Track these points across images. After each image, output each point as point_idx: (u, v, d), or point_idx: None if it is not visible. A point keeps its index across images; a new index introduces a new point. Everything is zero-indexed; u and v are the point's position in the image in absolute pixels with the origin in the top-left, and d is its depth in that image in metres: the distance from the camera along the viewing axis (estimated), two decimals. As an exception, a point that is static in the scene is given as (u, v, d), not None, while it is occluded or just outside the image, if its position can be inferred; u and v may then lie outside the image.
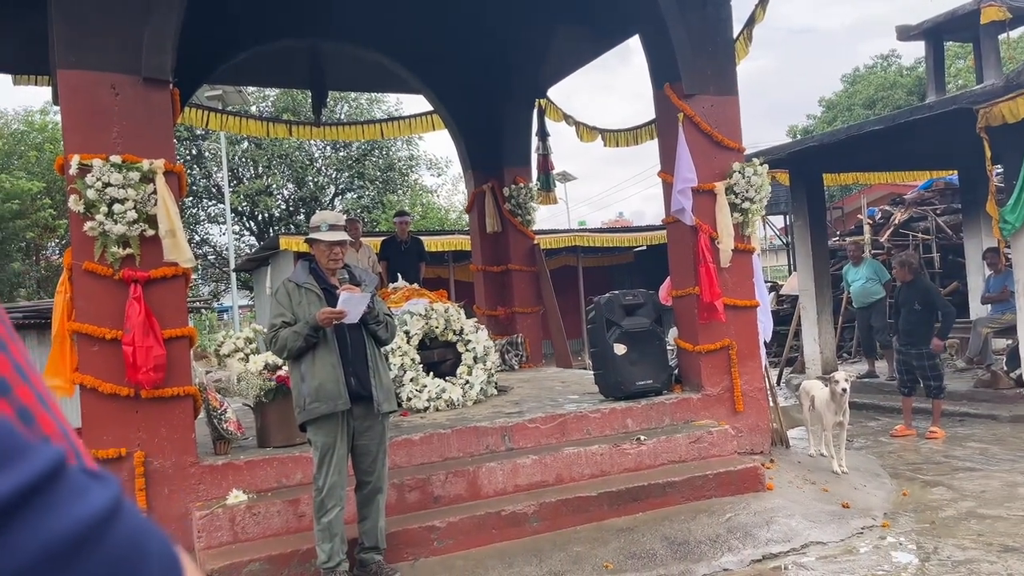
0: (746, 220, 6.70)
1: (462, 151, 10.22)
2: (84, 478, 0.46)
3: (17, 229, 20.48)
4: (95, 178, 4.78)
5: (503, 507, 5.14)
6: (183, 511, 4.96)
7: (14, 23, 6.66)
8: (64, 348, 4.92)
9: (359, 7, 8.51)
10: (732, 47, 6.90)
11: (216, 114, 10.12)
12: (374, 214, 25.86)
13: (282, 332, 4.28)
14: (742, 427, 6.60)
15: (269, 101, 24.95)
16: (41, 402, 0.55)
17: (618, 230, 21.18)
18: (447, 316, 7.02)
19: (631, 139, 9.74)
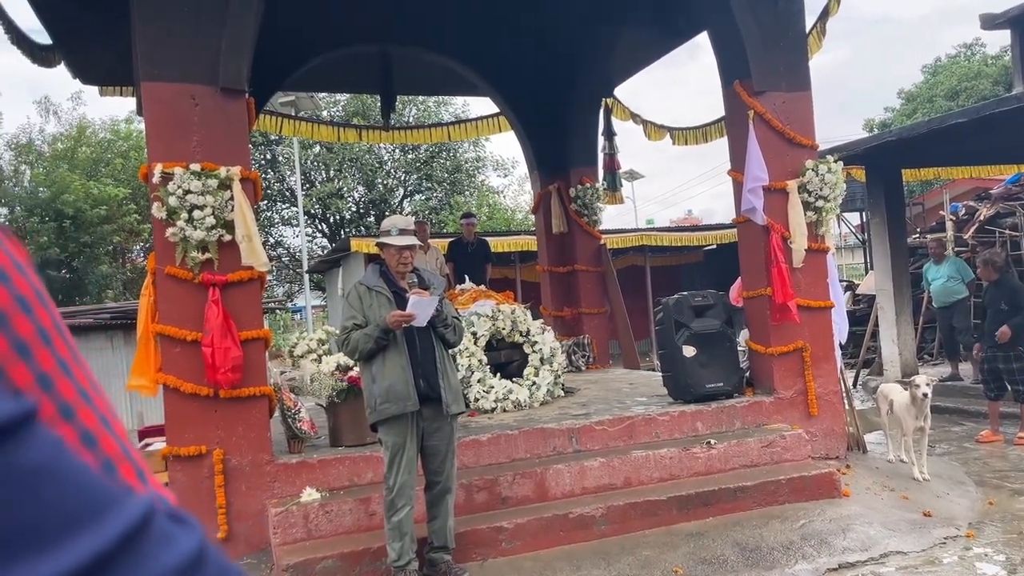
0: (820, 219, 6.53)
1: (528, 152, 10.24)
2: (170, 525, 0.46)
3: (104, 233, 21.45)
4: (176, 185, 4.97)
5: (571, 509, 5.13)
6: (259, 508, 5.11)
7: (101, 39, 6.97)
8: (148, 349, 5.13)
9: (428, 12, 8.61)
10: (804, 41, 6.73)
11: (289, 120, 10.39)
12: (441, 215, 26.15)
13: (353, 334, 4.36)
14: (816, 431, 6.43)
15: (340, 106, 25.48)
16: (104, 424, 0.54)
17: (687, 229, 20.88)
18: (513, 317, 7.05)
19: (700, 137, 9.61)
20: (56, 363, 0.51)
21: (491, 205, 28.08)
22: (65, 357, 0.52)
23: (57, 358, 0.52)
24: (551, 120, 9.77)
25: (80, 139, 23.15)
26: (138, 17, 5.18)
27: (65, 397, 0.51)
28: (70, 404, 0.51)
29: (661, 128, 10.09)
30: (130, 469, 0.54)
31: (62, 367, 0.52)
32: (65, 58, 7.32)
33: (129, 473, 0.54)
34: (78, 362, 0.54)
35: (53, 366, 0.51)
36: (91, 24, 6.83)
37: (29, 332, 0.50)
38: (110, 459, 0.52)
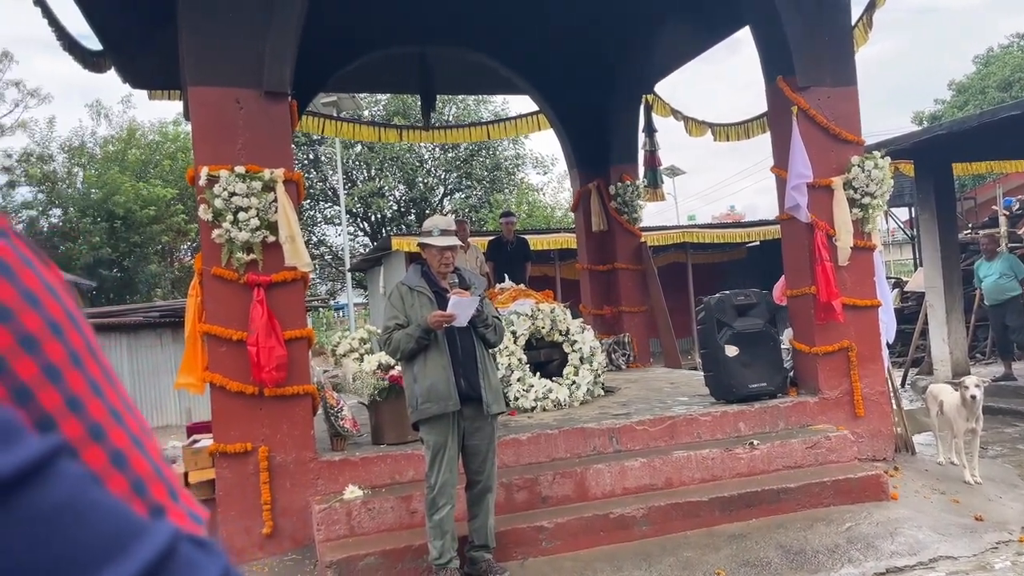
0: (866, 216, 6.40)
1: (567, 150, 10.22)
2: (196, 552, 0.46)
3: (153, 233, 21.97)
4: (222, 188, 5.07)
5: (611, 509, 5.11)
6: (303, 504, 5.19)
7: (149, 45, 7.14)
8: (196, 348, 5.25)
9: (467, 11, 8.65)
10: (850, 35, 6.60)
11: (331, 121, 10.52)
12: (481, 213, 26.23)
13: (395, 334, 4.40)
14: (863, 432, 6.32)
15: (380, 105, 25.71)
16: (135, 443, 0.55)
17: (729, 225, 20.62)
18: (553, 316, 7.04)
19: (741, 133, 9.50)
20: (87, 385, 0.53)
21: (530, 203, 28.07)
22: (97, 378, 0.54)
23: (88, 380, 0.53)
24: (590, 117, 9.73)
25: (130, 141, 23.72)
26: (185, 24, 5.29)
27: (95, 418, 0.52)
28: (100, 425, 0.52)
29: (702, 124, 9.99)
30: (161, 488, 0.55)
31: (93, 388, 0.53)
32: (115, 63, 7.50)
33: (160, 492, 0.55)
34: (111, 382, 0.55)
35: (84, 388, 0.52)
36: (139, 31, 7.00)
37: (60, 356, 0.51)
38: (141, 479, 0.53)
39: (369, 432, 5.84)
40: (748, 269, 19.36)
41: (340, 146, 22.05)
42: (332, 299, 30.07)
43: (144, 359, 14.80)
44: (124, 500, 0.50)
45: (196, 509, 0.57)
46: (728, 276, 19.60)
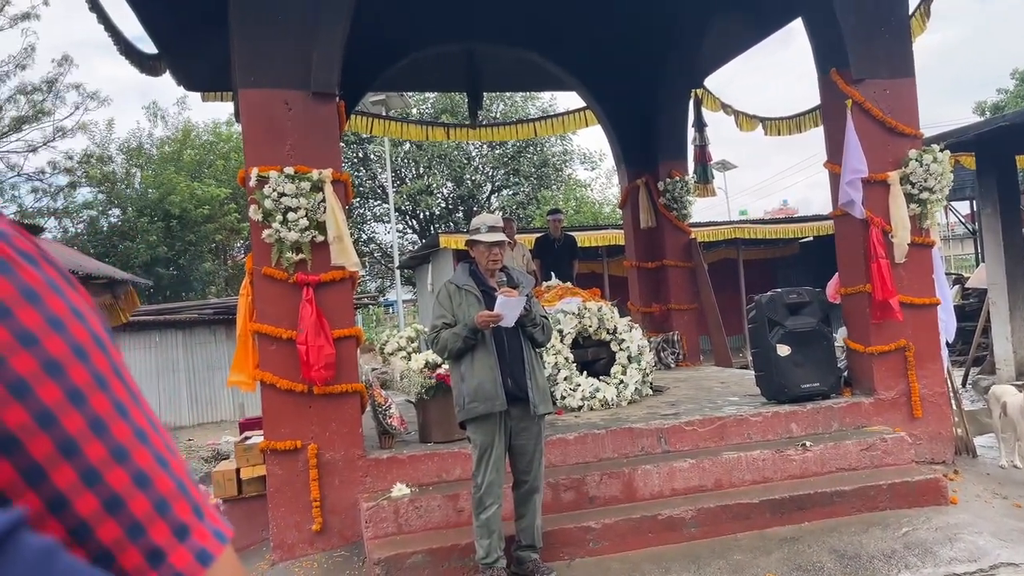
0: (924, 212, 6.21)
1: (615, 146, 10.13)
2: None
3: (207, 232, 22.47)
4: (271, 188, 5.14)
5: (659, 511, 5.06)
6: (352, 501, 5.25)
7: (202, 49, 7.29)
8: (247, 347, 5.34)
9: (515, 8, 8.63)
10: (907, 25, 6.40)
11: (379, 121, 10.61)
12: (528, 210, 26.21)
13: (443, 333, 4.41)
14: (920, 434, 6.14)
15: (429, 103, 25.85)
16: (159, 462, 0.56)
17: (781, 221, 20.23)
18: (600, 315, 6.99)
19: (793, 127, 9.30)
20: (112, 406, 0.53)
21: (578, 199, 27.95)
22: (122, 399, 0.54)
23: (113, 401, 0.53)
24: (639, 113, 9.63)
25: (185, 142, 24.29)
26: (236, 28, 5.38)
27: (119, 440, 0.53)
28: (124, 446, 0.53)
29: (753, 118, 9.81)
30: (186, 507, 0.56)
31: (118, 410, 0.54)
32: (170, 66, 7.67)
33: (184, 511, 0.56)
34: (136, 402, 0.56)
35: (108, 410, 0.53)
36: (192, 34, 7.15)
37: (84, 379, 0.52)
38: (164, 498, 0.54)
39: (416, 430, 5.87)
40: (801, 265, 18.98)
41: (389, 144, 22.24)
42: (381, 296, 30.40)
43: (198, 355, 15.16)
44: (145, 521, 0.52)
45: (221, 527, 0.58)
46: (780, 272, 19.25)
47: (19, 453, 0.49)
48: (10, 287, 0.51)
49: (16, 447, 0.49)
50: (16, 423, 0.49)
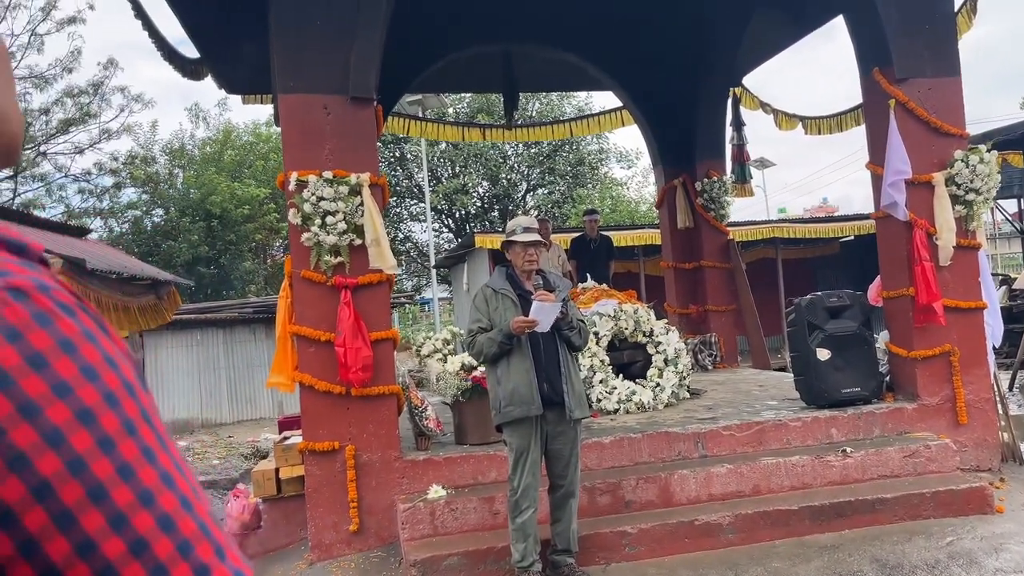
0: (970, 213, 6.06)
1: (652, 147, 10.06)
2: None
3: (247, 232, 22.81)
4: (310, 192, 5.21)
5: (696, 516, 5.02)
6: (388, 503, 5.29)
7: (243, 53, 7.40)
8: (286, 349, 5.41)
9: (552, 9, 8.61)
10: (953, 22, 6.25)
11: (416, 122, 10.66)
12: (564, 208, 26.15)
13: (479, 337, 4.43)
14: (965, 441, 6.00)
15: (465, 102, 25.93)
16: (184, 506, 0.57)
17: (821, 220, 19.91)
18: (636, 317, 6.95)
19: (834, 126, 9.15)
20: (140, 452, 0.56)
21: (614, 197, 27.82)
22: (150, 444, 0.57)
23: (141, 447, 0.56)
24: (676, 113, 9.55)
25: (226, 143, 24.67)
26: (276, 34, 5.45)
27: (146, 484, 0.55)
28: (150, 490, 0.55)
29: (792, 117, 9.67)
30: (208, 548, 0.57)
31: (145, 455, 0.56)
32: (211, 71, 7.80)
33: (206, 552, 0.57)
34: (163, 446, 0.58)
35: (136, 455, 0.55)
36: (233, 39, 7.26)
37: (115, 427, 0.55)
38: (187, 540, 0.56)
39: (452, 432, 5.90)
40: (841, 265, 18.66)
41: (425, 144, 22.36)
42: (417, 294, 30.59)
43: (239, 353, 15.40)
44: (168, 563, 0.54)
45: (242, 568, 0.60)
46: (820, 272, 18.94)
47: (51, 500, 0.52)
48: (49, 339, 0.54)
49: (49, 494, 0.51)
50: (50, 471, 0.51)
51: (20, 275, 0.56)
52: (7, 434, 0.51)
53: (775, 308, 15.93)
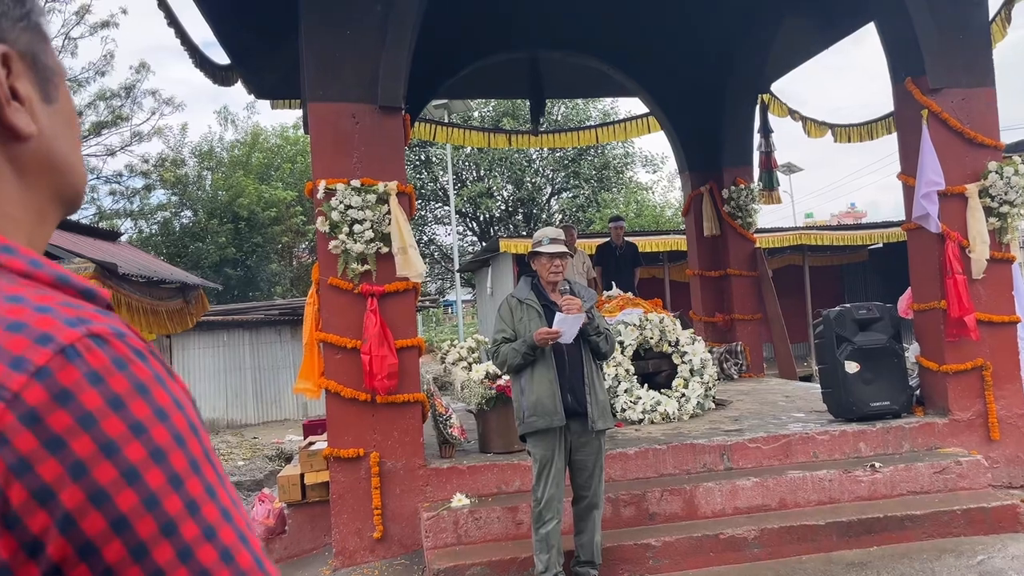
0: (1005, 226, 5.97)
1: (679, 153, 10.01)
2: None
3: (274, 234, 23.01)
4: (338, 201, 5.24)
5: (721, 530, 4.98)
6: (412, 510, 5.31)
7: (272, 59, 7.47)
8: (313, 355, 5.45)
9: (577, 16, 8.61)
10: (987, 31, 6.16)
11: (442, 128, 10.70)
12: (589, 212, 26.09)
13: (503, 348, 4.43)
14: (998, 457, 5.90)
15: (490, 106, 25.97)
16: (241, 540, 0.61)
17: (849, 227, 19.68)
18: (662, 327, 6.91)
19: (864, 134, 9.07)
20: (204, 489, 0.59)
21: (639, 202, 27.70)
22: (212, 481, 0.60)
23: (205, 484, 0.59)
24: (704, 120, 9.49)
25: (254, 146, 24.91)
26: (306, 43, 5.50)
27: (209, 520, 0.59)
28: (213, 526, 0.59)
29: (822, 125, 9.60)
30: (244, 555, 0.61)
31: (208, 492, 0.60)
32: (241, 77, 7.88)
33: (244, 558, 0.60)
34: (222, 483, 0.62)
35: (201, 492, 0.59)
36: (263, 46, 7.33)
37: (183, 465, 0.58)
38: (245, 572, 0.59)
39: (476, 440, 5.90)
40: (870, 273, 18.46)
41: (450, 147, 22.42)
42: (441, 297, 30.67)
43: (264, 355, 15.54)
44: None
45: None
46: (847, 279, 18.75)
47: (128, 533, 0.55)
48: (126, 382, 0.57)
49: (126, 528, 0.55)
50: (128, 506, 0.55)
51: (99, 322, 0.59)
52: (91, 472, 0.54)
53: (802, 315, 15.79)
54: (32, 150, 0.68)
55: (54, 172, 0.71)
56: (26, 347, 0.55)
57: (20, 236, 0.66)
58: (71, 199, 0.74)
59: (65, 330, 0.56)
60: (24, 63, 0.68)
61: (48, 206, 0.71)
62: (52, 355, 0.55)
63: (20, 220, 0.68)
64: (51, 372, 0.55)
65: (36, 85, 0.69)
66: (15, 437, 0.53)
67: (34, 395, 0.54)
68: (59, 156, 0.71)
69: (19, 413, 0.53)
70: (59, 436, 0.54)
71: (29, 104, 0.68)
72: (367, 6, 5.41)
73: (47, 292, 0.61)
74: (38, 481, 0.53)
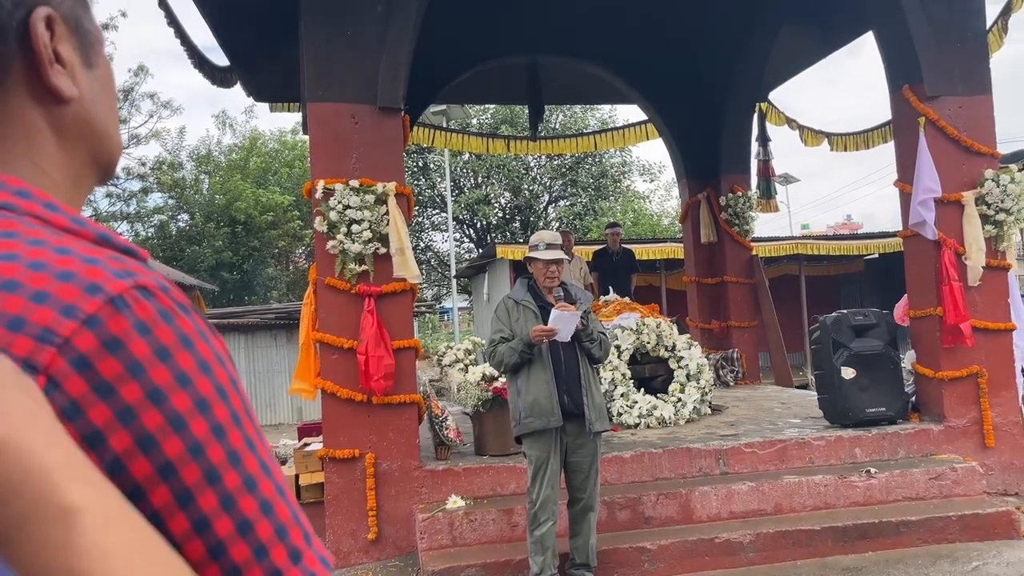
0: (1001, 233, 5.99)
1: (677, 160, 10.04)
2: None
3: (271, 238, 23.00)
4: (337, 201, 5.24)
5: (716, 534, 4.97)
6: (407, 512, 5.29)
7: (272, 62, 7.48)
8: (309, 355, 5.44)
9: (577, 22, 8.64)
10: (984, 40, 6.20)
11: (441, 132, 10.72)
12: (586, 221, 26.12)
13: (500, 347, 4.43)
14: (992, 464, 5.91)
15: (488, 113, 26.03)
16: (279, 493, 0.62)
17: (845, 237, 19.74)
18: (659, 331, 6.92)
19: (861, 143, 9.09)
20: (244, 441, 0.60)
21: (636, 211, 27.75)
22: (251, 435, 0.61)
23: (245, 437, 0.61)
24: (702, 127, 9.53)
25: (252, 150, 24.92)
26: (307, 44, 5.51)
27: (249, 471, 0.60)
28: (253, 477, 0.60)
29: (819, 133, 9.62)
30: (299, 533, 0.62)
31: (248, 444, 0.61)
32: (241, 79, 7.89)
33: (298, 537, 0.62)
34: (260, 438, 0.63)
35: (242, 444, 0.60)
36: (263, 48, 7.35)
37: (225, 417, 0.59)
38: (284, 525, 0.61)
39: (472, 442, 5.89)
40: (865, 283, 18.49)
41: (448, 154, 22.45)
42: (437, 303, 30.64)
43: (259, 359, 15.49)
44: (268, 544, 0.60)
45: (326, 555, 0.65)
46: (844, 290, 18.78)
47: (174, 479, 0.56)
48: (172, 334, 0.58)
49: (172, 474, 0.56)
50: (174, 453, 0.56)
51: (145, 276, 0.60)
52: (140, 418, 0.56)
53: (798, 325, 15.80)
54: (72, 114, 0.69)
55: (92, 137, 0.72)
56: (76, 296, 0.55)
57: (58, 197, 0.66)
58: (106, 166, 0.75)
59: (114, 281, 0.57)
60: (67, 27, 0.68)
61: (85, 171, 0.72)
62: (102, 304, 0.56)
63: (58, 182, 0.68)
64: (101, 320, 0.55)
65: (78, 50, 0.70)
66: (66, 381, 0.54)
67: (85, 341, 0.55)
68: (97, 121, 0.72)
69: (70, 358, 0.54)
70: (109, 382, 0.55)
71: (71, 68, 0.69)
72: (367, 6, 5.43)
73: (92, 247, 0.61)
74: (89, 425, 0.54)
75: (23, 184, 0.64)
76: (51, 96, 0.67)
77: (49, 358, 0.54)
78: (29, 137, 0.67)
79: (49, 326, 0.54)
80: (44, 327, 0.54)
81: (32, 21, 0.65)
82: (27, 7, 0.65)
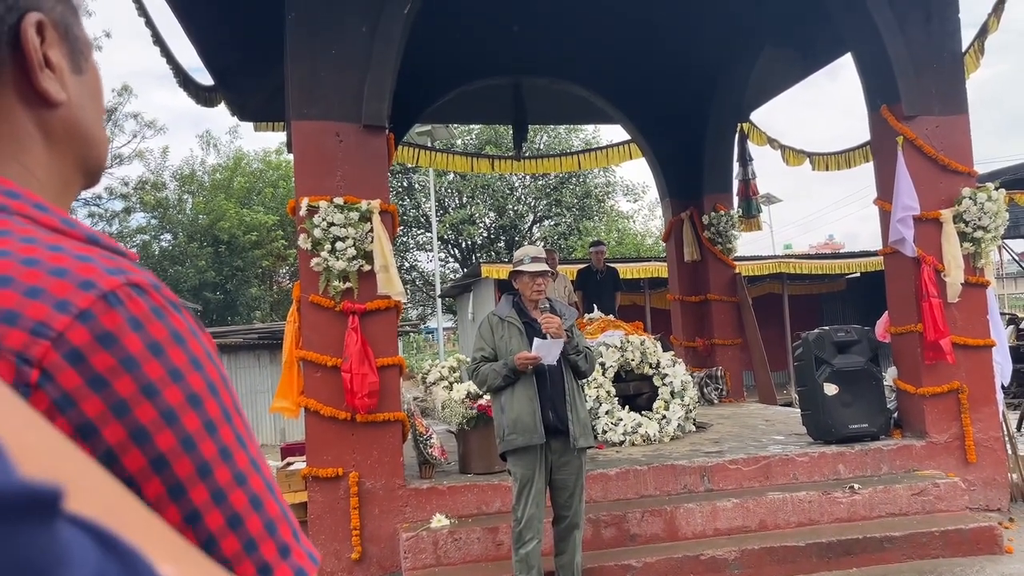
0: (978, 251, 6.07)
1: (660, 180, 10.12)
2: None
3: (254, 258, 22.88)
4: (321, 218, 5.24)
5: (702, 551, 4.96)
6: (391, 531, 5.25)
7: (256, 81, 7.50)
8: (292, 373, 5.41)
9: (562, 44, 8.72)
10: (960, 61, 6.31)
11: (425, 152, 10.75)
12: (570, 240, 26.21)
13: (483, 367, 4.41)
14: (974, 480, 5.94)
15: (473, 134, 26.15)
16: (269, 489, 0.63)
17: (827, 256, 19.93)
18: (643, 349, 6.93)
19: (842, 162, 9.20)
20: (234, 437, 0.61)
21: (620, 230, 27.89)
22: (241, 432, 0.62)
23: (235, 433, 0.62)
24: (684, 147, 9.62)
25: (236, 170, 24.84)
26: (291, 62, 5.53)
27: (240, 467, 0.61)
28: (244, 472, 0.61)
29: (800, 153, 9.74)
30: (287, 529, 0.63)
31: (239, 441, 0.62)
32: (225, 98, 7.90)
33: (286, 532, 0.63)
34: (250, 435, 0.64)
35: (232, 440, 0.61)
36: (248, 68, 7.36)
37: (216, 412, 0.60)
38: (272, 520, 0.62)
39: (457, 460, 5.86)
40: (847, 301, 18.63)
41: (433, 174, 22.51)
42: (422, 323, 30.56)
43: (242, 379, 15.36)
44: (258, 538, 0.60)
45: (313, 551, 0.65)
46: (826, 308, 18.91)
47: (166, 472, 0.57)
48: (164, 330, 0.59)
49: (165, 467, 0.57)
50: (167, 446, 0.57)
51: (136, 274, 0.61)
52: (133, 411, 0.56)
53: (781, 343, 15.89)
54: (60, 118, 0.70)
55: (80, 142, 0.73)
56: (69, 291, 0.56)
57: (46, 200, 0.67)
58: (93, 170, 0.77)
59: (107, 277, 0.58)
60: (57, 32, 0.69)
61: (72, 175, 0.74)
62: (95, 299, 0.57)
63: (46, 184, 0.70)
64: (94, 315, 0.56)
65: (67, 55, 0.71)
66: (59, 374, 0.55)
67: (78, 335, 0.55)
68: (85, 126, 0.73)
69: (63, 351, 0.55)
70: (102, 375, 0.56)
71: (60, 73, 0.70)
72: (353, 25, 5.46)
73: (83, 245, 0.62)
74: (82, 417, 0.55)
75: (12, 185, 0.64)
76: (40, 100, 0.68)
77: (43, 351, 0.54)
78: (18, 140, 0.68)
79: (43, 320, 0.55)
80: (38, 321, 0.55)
81: (23, 26, 0.66)
82: (18, 12, 0.66)
